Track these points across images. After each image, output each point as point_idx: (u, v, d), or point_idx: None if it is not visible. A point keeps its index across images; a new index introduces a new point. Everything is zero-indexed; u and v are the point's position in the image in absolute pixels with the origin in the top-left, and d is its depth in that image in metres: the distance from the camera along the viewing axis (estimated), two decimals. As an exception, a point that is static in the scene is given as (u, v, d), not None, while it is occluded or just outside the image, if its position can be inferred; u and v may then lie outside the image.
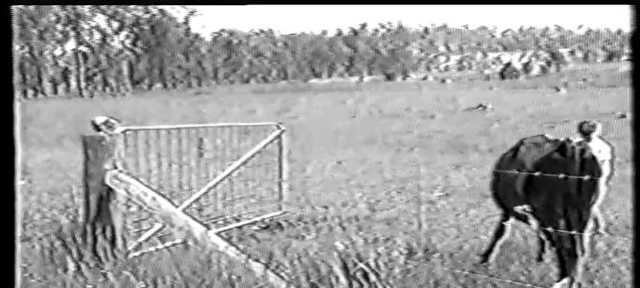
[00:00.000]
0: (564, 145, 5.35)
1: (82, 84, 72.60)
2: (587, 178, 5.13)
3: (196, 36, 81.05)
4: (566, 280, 5.20)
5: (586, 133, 7.58)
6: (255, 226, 8.42)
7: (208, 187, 8.00)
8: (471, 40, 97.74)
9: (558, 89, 48.28)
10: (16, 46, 3.44)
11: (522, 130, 23.72)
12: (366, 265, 4.90)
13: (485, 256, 6.28)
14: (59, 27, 71.66)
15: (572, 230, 5.19)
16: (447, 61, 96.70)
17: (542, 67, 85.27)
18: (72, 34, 72.83)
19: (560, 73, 78.99)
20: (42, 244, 5.94)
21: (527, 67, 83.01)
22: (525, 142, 5.91)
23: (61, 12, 70.31)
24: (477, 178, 13.16)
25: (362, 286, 4.87)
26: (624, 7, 3.86)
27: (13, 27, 3.34)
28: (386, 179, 13.46)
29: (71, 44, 73.56)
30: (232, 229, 7.88)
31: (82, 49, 73.50)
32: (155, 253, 6.03)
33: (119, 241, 5.94)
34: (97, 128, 6.02)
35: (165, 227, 6.18)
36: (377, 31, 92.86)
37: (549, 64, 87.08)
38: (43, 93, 69.69)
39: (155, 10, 76.23)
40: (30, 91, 68.47)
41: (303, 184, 12.06)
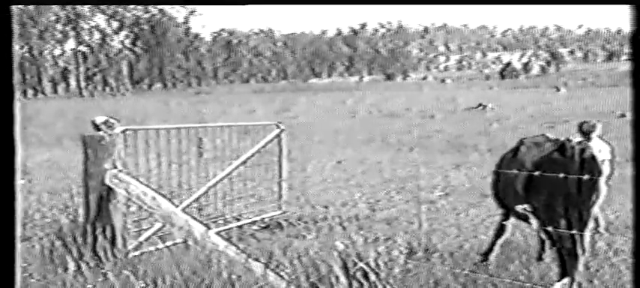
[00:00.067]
0: (564, 145, 5.35)
1: (82, 84, 72.63)
2: (587, 177, 5.13)
3: (196, 36, 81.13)
4: (566, 280, 5.20)
5: (586, 133, 7.59)
6: (255, 226, 8.42)
7: (208, 187, 8.00)
8: (471, 39, 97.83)
9: (558, 89, 48.34)
10: (16, 46, 3.44)
11: (522, 129, 23.73)
12: (366, 264, 4.90)
13: (486, 255, 6.29)
14: (59, 27, 71.71)
15: (572, 230, 5.19)
16: (447, 60, 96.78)
17: (541, 67, 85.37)
18: (72, 33, 72.89)
19: (560, 73, 79.09)
20: (42, 244, 5.94)
21: (527, 67, 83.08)
22: (526, 142, 5.91)
23: (60, 12, 70.34)
24: (476, 178, 13.17)
25: (362, 285, 4.87)
26: (624, 7, 3.86)
27: (13, 27, 3.34)
28: (386, 179, 13.47)
29: (71, 44, 73.65)
30: (232, 228, 7.88)
31: (82, 48, 73.55)
32: (155, 253, 6.03)
33: (119, 240, 5.94)
34: (97, 128, 6.02)
35: (165, 227, 6.18)
36: (377, 30, 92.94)
37: (549, 63, 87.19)
38: (43, 93, 69.72)
39: (155, 9, 76.30)
40: (30, 91, 68.53)
41: (303, 183, 12.06)
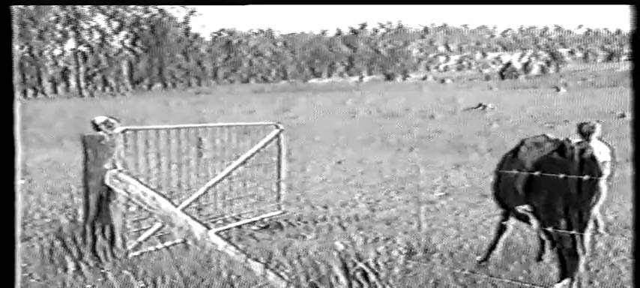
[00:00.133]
0: (563, 145, 5.35)
1: (82, 84, 72.63)
2: (587, 178, 5.13)
3: (196, 36, 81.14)
4: (566, 281, 5.20)
5: (585, 135, 7.58)
6: (255, 226, 8.42)
7: (207, 187, 8.01)
8: (471, 39, 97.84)
9: (558, 89, 48.34)
10: (16, 46, 3.44)
11: (522, 130, 23.73)
12: (366, 264, 4.90)
13: (489, 253, 6.27)
14: (59, 27, 71.71)
15: (572, 230, 5.19)
16: (447, 60, 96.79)
17: (541, 67, 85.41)
18: (71, 33, 72.89)
19: (560, 73, 79.10)
20: (41, 244, 5.94)
21: (526, 67, 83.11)
22: (526, 142, 5.91)
23: (60, 12, 70.33)
24: (476, 178, 13.18)
25: (361, 285, 4.87)
26: (624, 8, 3.86)
27: (13, 27, 3.35)
28: (385, 179, 13.47)
29: (71, 44, 73.66)
30: (232, 228, 7.88)
31: (82, 48, 73.56)
32: (155, 253, 6.03)
33: (119, 240, 5.94)
34: (97, 128, 6.02)
35: (164, 227, 6.18)
36: (376, 30, 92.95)
37: (549, 63, 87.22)
38: (43, 93, 69.72)
39: (155, 9, 76.30)
40: (30, 91, 68.53)
41: (302, 183, 12.06)
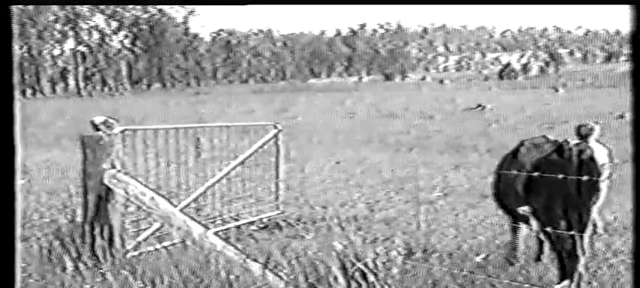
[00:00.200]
0: (562, 147, 5.36)
1: (81, 83, 72.60)
2: (585, 179, 5.14)
3: (195, 36, 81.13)
4: (566, 282, 5.20)
5: (584, 136, 7.57)
6: (254, 226, 8.42)
7: (206, 187, 8.01)
8: (470, 40, 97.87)
9: (557, 90, 48.31)
10: (15, 46, 3.44)
11: (521, 130, 23.75)
12: (365, 265, 4.90)
13: (513, 254, 6.25)
14: (58, 27, 71.67)
15: (572, 231, 5.20)
16: (446, 61, 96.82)
17: (540, 68, 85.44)
18: (71, 33, 72.86)
19: (559, 74, 79.12)
20: (40, 244, 5.93)
21: (526, 68, 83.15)
22: (526, 143, 5.91)
23: (59, 12, 70.30)
24: (475, 178, 13.18)
25: (360, 286, 4.88)
26: (623, 8, 3.86)
27: (13, 27, 3.35)
28: (385, 179, 13.47)
29: (70, 44, 73.62)
30: (230, 228, 7.88)
31: (81, 48, 73.53)
32: (153, 253, 6.03)
33: (117, 240, 5.94)
34: (96, 128, 6.03)
35: (163, 227, 6.18)
36: (376, 31, 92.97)
37: (548, 64, 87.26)
38: (42, 92, 69.67)
39: (154, 9, 76.28)
40: (28, 91, 68.48)
41: (301, 184, 12.06)
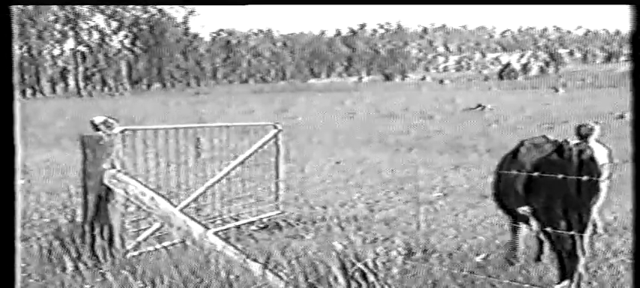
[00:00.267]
0: (562, 147, 5.36)
1: (81, 83, 72.57)
2: (585, 179, 5.14)
3: (195, 36, 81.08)
4: (566, 283, 5.21)
5: (584, 137, 7.57)
6: (254, 226, 8.42)
7: (206, 187, 8.01)
8: (470, 40, 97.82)
9: (557, 90, 48.28)
10: (15, 46, 3.44)
11: (521, 130, 23.75)
12: (365, 265, 4.91)
13: (513, 255, 6.25)
14: (58, 27, 71.64)
15: (572, 231, 5.20)
16: (446, 61, 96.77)
17: (540, 68, 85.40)
18: (71, 33, 72.82)
19: (559, 74, 79.08)
20: (40, 244, 5.94)
21: (525, 68, 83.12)
22: (526, 143, 5.91)
23: (59, 12, 70.28)
24: (475, 178, 13.17)
25: (360, 286, 4.88)
26: (623, 8, 3.87)
27: (13, 27, 3.35)
28: (384, 179, 13.47)
29: (70, 44, 73.56)
30: (230, 228, 7.88)
31: (81, 48, 73.49)
32: (153, 253, 6.03)
33: (117, 240, 5.94)
34: (96, 128, 6.03)
35: (163, 227, 6.19)
36: (376, 31, 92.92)
37: (548, 64, 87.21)
38: (42, 92, 69.64)
39: (154, 9, 76.24)
40: (28, 91, 68.46)
41: (301, 184, 12.05)
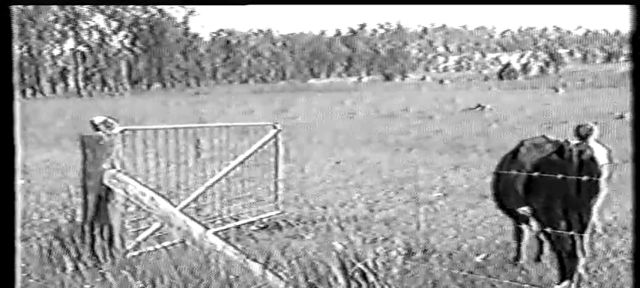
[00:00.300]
0: (562, 147, 5.36)
1: (81, 83, 72.52)
2: (585, 179, 5.14)
3: (195, 36, 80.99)
4: (566, 283, 5.21)
5: (583, 137, 7.57)
6: (254, 226, 8.43)
7: (206, 187, 8.01)
8: (470, 40, 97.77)
9: (557, 90, 48.27)
10: (15, 46, 3.44)
11: (521, 130, 23.73)
12: (365, 265, 4.91)
13: (516, 260, 6.25)
14: (58, 27, 71.58)
15: (572, 232, 5.20)
16: (446, 61, 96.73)
17: (540, 68, 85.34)
18: (70, 33, 72.75)
19: (559, 74, 79.05)
20: (40, 244, 5.94)
21: (525, 68, 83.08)
22: (525, 143, 5.91)
23: (59, 12, 70.24)
24: (475, 179, 13.17)
25: (360, 286, 4.88)
26: (623, 9, 3.87)
27: (13, 27, 3.35)
28: (384, 179, 13.46)
29: (70, 44, 73.45)
30: (230, 228, 7.88)
31: (81, 48, 73.42)
32: (153, 253, 6.03)
33: (117, 240, 5.95)
34: (96, 128, 6.03)
35: (163, 227, 6.19)
36: (375, 31, 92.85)
37: (548, 64, 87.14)
38: (42, 92, 69.60)
39: (154, 9, 76.17)
40: (28, 91, 68.41)
41: (301, 184, 12.06)
